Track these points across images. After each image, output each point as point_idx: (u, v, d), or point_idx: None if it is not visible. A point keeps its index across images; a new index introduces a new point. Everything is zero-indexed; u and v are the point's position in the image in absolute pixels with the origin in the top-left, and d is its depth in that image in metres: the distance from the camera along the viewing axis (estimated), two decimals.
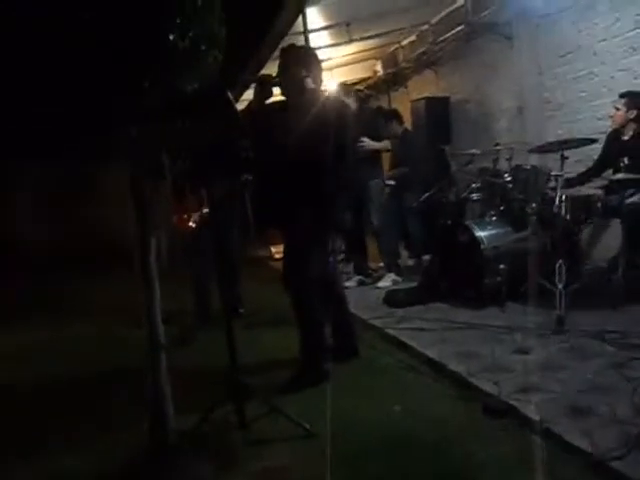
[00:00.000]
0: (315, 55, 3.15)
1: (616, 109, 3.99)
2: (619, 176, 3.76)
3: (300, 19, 5.21)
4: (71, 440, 2.57)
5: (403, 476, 2.06)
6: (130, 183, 2.13)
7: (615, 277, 3.58)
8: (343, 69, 7.86)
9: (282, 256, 3.21)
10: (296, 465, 2.19)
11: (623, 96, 3.96)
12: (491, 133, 6.26)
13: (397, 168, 5.46)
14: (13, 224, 7.98)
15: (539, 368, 2.76)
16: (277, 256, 7.29)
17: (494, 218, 4.32)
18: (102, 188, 7.64)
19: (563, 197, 3.62)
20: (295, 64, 2.97)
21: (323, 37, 6.28)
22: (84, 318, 4.84)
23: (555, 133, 5.10)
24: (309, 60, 3.03)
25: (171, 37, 1.78)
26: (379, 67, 8.58)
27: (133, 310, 2.25)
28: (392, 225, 5.24)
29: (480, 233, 4.06)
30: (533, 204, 4.04)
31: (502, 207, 4.36)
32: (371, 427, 2.42)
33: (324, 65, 3.55)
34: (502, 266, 3.87)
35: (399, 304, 4.25)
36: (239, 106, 2.85)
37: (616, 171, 3.89)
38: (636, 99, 3.91)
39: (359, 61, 8.00)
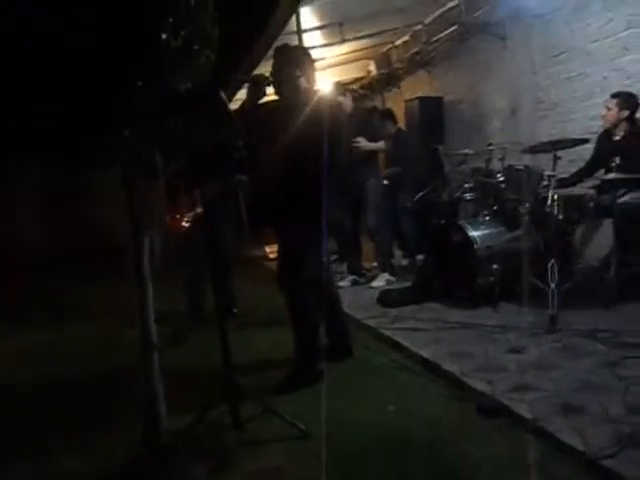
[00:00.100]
0: (309, 55, 3.15)
1: (607, 109, 4.01)
2: (611, 176, 3.78)
3: (294, 19, 5.21)
4: (71, 440, 2.56)
5: (398, 476, 2.06)
6: (123, 183, 2.12)
7: (607, 276, 3.60)
8: (336, 69, 7.85)
9: (277, 256, 3.20)
10: (290, 465, 2.19)
11: (615, 96, 3.99)
12: (484, 133, 6.28)
13: (391, 168, 5.47)
14: (13, 224, 7.92)
15: (532, 367, 2.77)
16: (271, 256, 7.28)
17: (487, 218, 4.33)
18: (102, 188, 7.59)
19: (556, 197, 3.64)
20: (289, 64, 2.97)
21: (316, 37, 6.28)
22: (84, 318, 4.81)
23: (548, 133, 5.12)
24: (303, 60, 3.03)
25: (164, 36, 1.77)
26: (372, 67, 8.58)
27: (129, 310, 2.24)
28: (386, 225, 5.25)
29: (473, 233, 4.07)
30: (526, 204, 4.05)
31: (495, 207, 4.37)
32: (365, 427, 2.42)
33: (317, 65, 3.55)
34: (495, 266, 3.88)
35: (393, 304, 4.25)
36: (232, 106, 2.83)
37: (608, 171, 3.91)
38: (628, 99, 3.94)
39: (352, 61, 7.99)
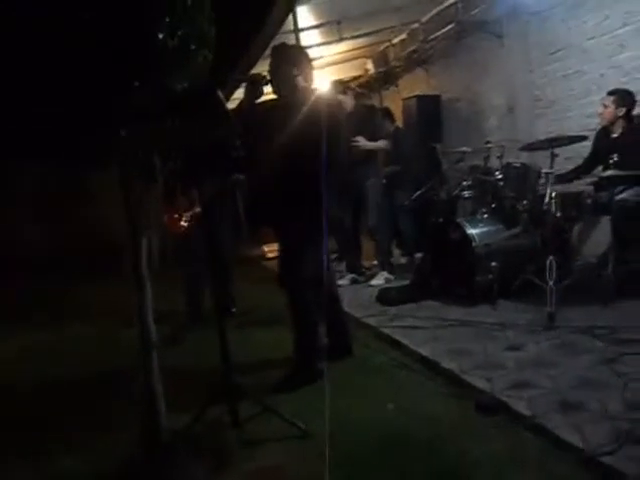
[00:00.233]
0: (306, 53, 3.15)
1: (604, 106, 4.01)
2: (608, 173, 3.78)
3: (291, 17, 5.20)
4: (70, 440, 2.56)
5: (397, 474, 2.06)
6: (120, 183, 2.12)
7: (605, 273, 3.60)
8: (334, 68, 7.84)
9: (277, 256, 3.20)
10: (290, 464, 2.19)
11: (612, 94, 3.99)
12: (482, 131, 6.29)
13: (389, 166, 5.48)
14: (13, 224, 7.90)
15: (531, 364, 2.78)
16: (269, 255, 7.28)
17: (485, 216, 4.34)
18: (102, 188, 7.57)
19: (553, 194, 3.65)
20: (286, 63, 2.96)
21: (314, 36, 6.26)
22: (84, 318, 4.80)
23: (545, 131, 5.12)
24: (300, 58, 3.03)
25: (160, 36, 1.76)
26: (370, 65, 8.57)
27: (128, 310, 2.24)
28: (385, 223, 5.25)
29: (471, 231, 4.07)
30: (524, 201, 4.06)
31: (493, 205, 4.38)
32: (365, 426, 2.42)
33: (315, 64, 3.55)
34: (493, 263, 3.88)
35: (392, 302, 4.26)
36: (230, 105, 2.83)
37: (606, 168, 3.92)
38: (625, 96, 3.94)
39: (350, 60, 7.98)
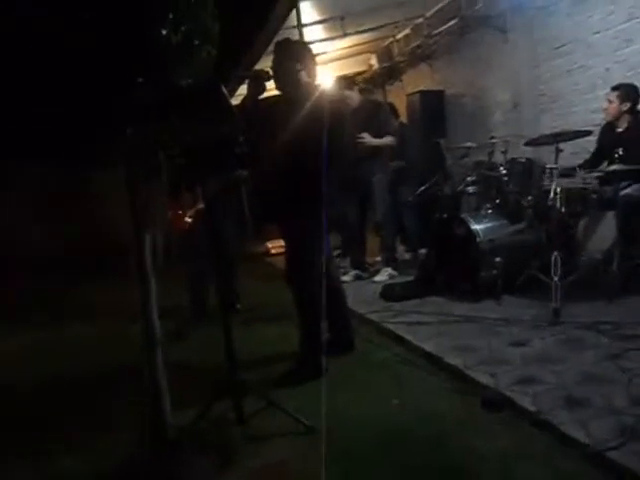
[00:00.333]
0: (309, 49, 3.14)
1: (609, 102, 3.99)
2: (613, 167, 3.76)
3: (294, 13, 5.19)
4: (71, 439, 2.57)
5: (402, 470, 2.07)
6: (126, 184, 2.12)
7: (610, 269, 3.59)
8: (338, 63, 7.83)
9: (283, 252, 3.20)
10: (294, 460, 2.19)
11: (616, 89, 3.96)
12: (486, 126, 6.27)
13: (393, 162, 5.46)
14: (13, 224, 7.93)
15: (536, 360, 2.78)
16: (273, 251, 7.29)
17: (490, 211, 4.32)
18: (102, 188, 7.60)
19: (558, 189, 3.63)
20: (289, 58, 2.96)
21: (317, 31, 6.26)
22: (84, 319, 4.81)
23: (550, 126, 5.10)
24: (303, 54, 3.02)
25: (164, 32, 1.76)
26: (374, 61, 8.55)
27: (133, 307, 2.25)
28: (390, 219, 5.24)
29: (476, 226, 4.06)
30: (529, 197, 4.05)
31: (498, 200, 4.36)
32: (369, 421, 2.43)
33: (319, 59, 3.54)
34: (498, 259, 3.87)
35: (395, 298, 4.25)
36: (233, 101, 2.83)
37: (611, 163, 3.90)
38: (629, 91, 3.92)
39: (354, 55, 7.97)
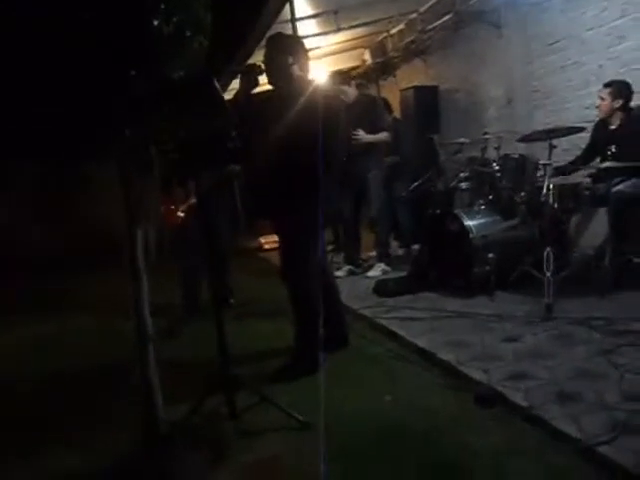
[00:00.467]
0: (302, 43, 3.11)
1: (601, 99, 3.99)
2: (606, 164, 3.77)
3: (287, 7, 5.16)
4: (70, 433, 2.55)
5: (395, 466, 2.07)
6: (120, 180, 2.10)
7: (602, 265, 3.61)
8: (331, 58, 7.79)
9: (277, 248, 3.18)
10: (287, 455, 2.19)
11: (608, 86, 3.96)
12: (480, 122, 6.26)
13: (388, 157, 5.45)
14: (13, 224, 7.87)
15: (528, 356, 2.79)
16: (267, 247, 7.27)
17: (483, 207, 4.33)
18: (102, 188, 7.55)
19: (551, 186, 3.63)
20: (281, 52, 2.93)
21: (311, 26, 6.21)
22: (84, 318, 4.78)
23: (543, 122, 5.11)
24: (295, 48, 2.99)
25: (155, 22, 1.74)
26: (368, 56, 8.51)
27: (126, 303, 2.23)
28: (384, 215, 5.24)
29: (469, 222, 4.06)
30: (522, 193, 4.05)
31: (491, 196, 4.37)
32: (362, 417, 2.42)
33: (312, 54, 3.52)
34: (491, 255, 3.88)
35: (389, 294, 4.25)
36: (226, 96, 2.80)
37: (603, 160, 3.90)
38: (621, 88, 3.92)
39: (347, 50, 7.93)
